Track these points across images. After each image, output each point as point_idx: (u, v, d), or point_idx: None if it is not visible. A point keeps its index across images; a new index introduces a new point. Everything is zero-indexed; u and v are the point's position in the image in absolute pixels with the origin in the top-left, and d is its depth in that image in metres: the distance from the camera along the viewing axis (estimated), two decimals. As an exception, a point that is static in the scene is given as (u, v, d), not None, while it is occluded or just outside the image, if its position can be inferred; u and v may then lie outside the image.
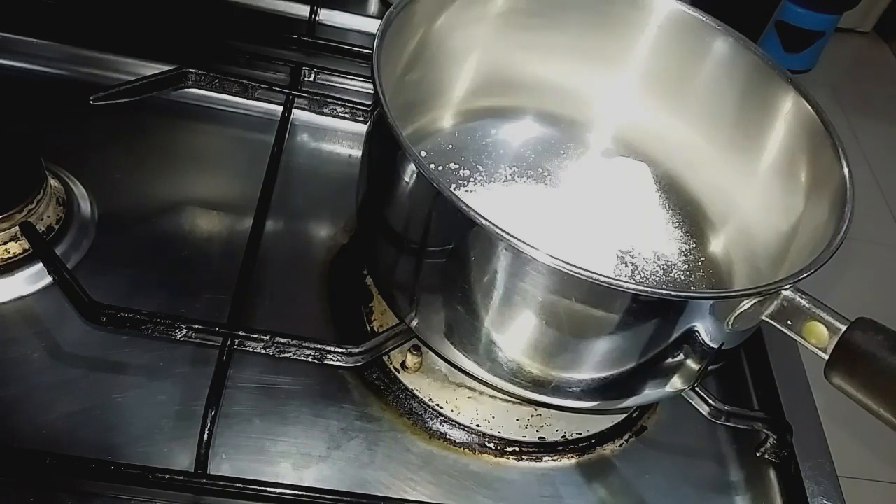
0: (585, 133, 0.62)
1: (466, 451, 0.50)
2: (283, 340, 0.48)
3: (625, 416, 0.54)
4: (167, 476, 0.43)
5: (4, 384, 0.46)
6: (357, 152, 0.66)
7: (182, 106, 0.65)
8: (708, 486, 0.53)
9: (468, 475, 0.49)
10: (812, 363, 0.48)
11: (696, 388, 0.51)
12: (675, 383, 0.46)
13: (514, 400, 0.52)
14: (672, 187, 0.60)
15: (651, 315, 0.41)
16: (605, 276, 0.38)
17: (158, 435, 0.46)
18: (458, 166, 0.58)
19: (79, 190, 0.56)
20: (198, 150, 0.64)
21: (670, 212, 0.59)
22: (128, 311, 0.47)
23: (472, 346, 0.45)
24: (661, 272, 0.55)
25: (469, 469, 0.49)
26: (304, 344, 0.48)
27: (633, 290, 0.39)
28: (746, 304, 0.41)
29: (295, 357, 0.48)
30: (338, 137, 0.67)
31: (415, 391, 0.51)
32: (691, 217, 0.59)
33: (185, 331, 0.47)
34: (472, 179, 0.57)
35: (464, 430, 0.51)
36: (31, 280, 0.51)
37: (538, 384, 0.45)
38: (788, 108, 0.52)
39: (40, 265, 0.50)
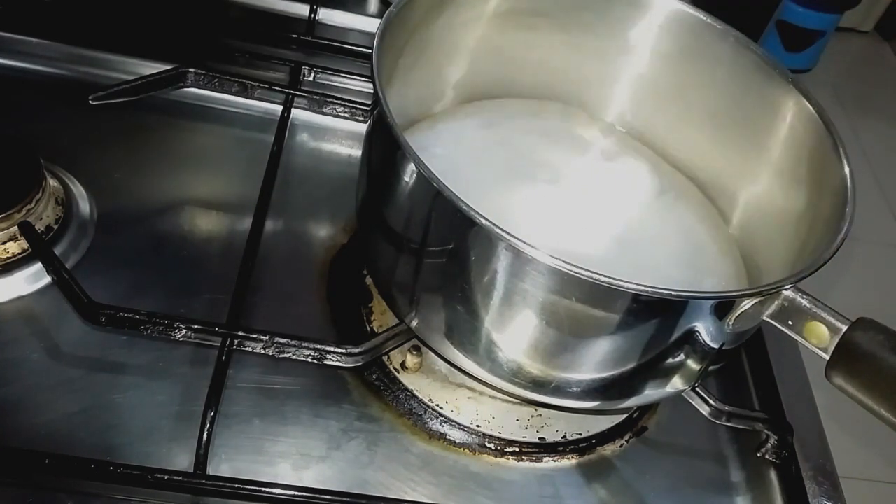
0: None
1: (466, 451, 0.50)
2: (282, 341, 0.48)
3: (625, 416, 0.54)
4: (166, 476, 0.43)
5: (3, 384, 0.46)
6: (357, 152, 0.66)
7: (181, 105, 0.65)
8: (708, 487, 0.53)
9: (468, 476, 0.49)
10: (813, 363, 0.47)
11: (697, 389, 0.51)
12: (676, 383, 0.46)
13: (514, 400, 0.52)
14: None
15: (651, 315, 0.41)
16: (605, 276, 0.37)
17: (157, 435, 0.46)
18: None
19: (77, 189, 0.56)
20: (197, 149, 0.64)
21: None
22: (127, 311, 0.46)
23: (472, 346, 0.45)
24: (662, 272, 0.55)
25: (469, 469, 0.49)
26: (303, 344, 0.48)
27: (634, 289, 0.38)
28: (747, 304, 0.41)
29: (294, 357, 0.48)
30: (337, 137, 0.67)
31: (415, 391, 0.51)
32: (692, 217, 0.59)
33: (184, 331, 0.47)
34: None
35: (464, 430, 0.50)
36: (29, 280, 0.51)
37: (538, 384, 0.45)
38: (789, 108, 0.52)
39: (39, 265, 0.50)
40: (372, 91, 0.44)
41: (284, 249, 0.58)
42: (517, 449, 0.51)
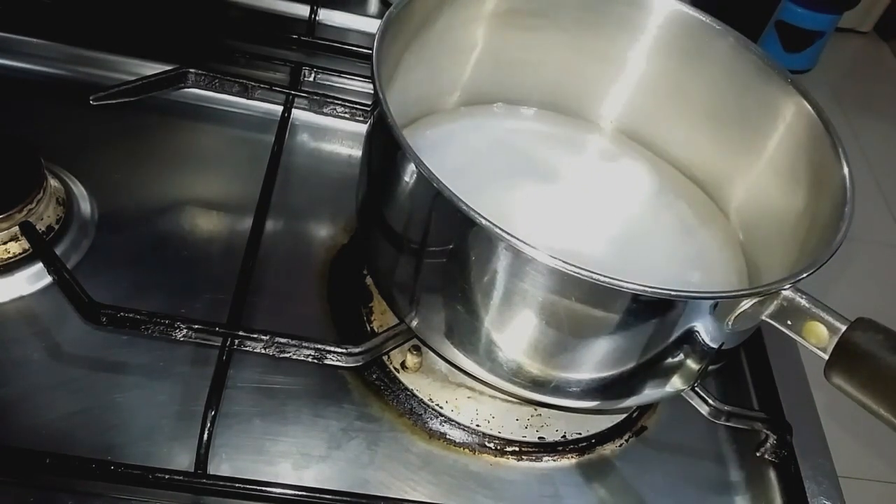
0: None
1: (466, 450, 0.50)
2: (282, 340, 0.48)
3: (625, 416, 0.54)
4: (167, 476, 0.43)
5: (4, 384, 0.46)
6: (357, 152, 0.66)
7: (182, 106, 0.65)
8: (708, 486, 0.53)
9: (468, 475, 0.49)
10: (812, 363, 0.48)
11: (696, 388, 0.51)
12: (675, 383, 0.46)
13: (514, 400, 0.52)
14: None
15: (651, 315, 0.41)
16: (605, 276, 0.38)
17: (158, 435, 0.46)
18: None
19: (78, 190, 0.56)
20: (198, 150, 0.64)
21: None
22: (128, 311, 0.47)
23: (472, 346, 0.45)
24: (661, 272, 0.55)
25: (469, 469, 0.49)
26: (303, 344, 0.48)
27: (633, 289, 0.38)
28: (746, 304, 0.41)
29: (295, 357, 0.48)
30: (338, 137, 0.67)
31: (415, 391, 0.51)
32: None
33: (184, 331, 0.47)
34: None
35: (464, 429, 0.51)
36: (31, 280, 0.51)
37: (538, 384, 0.45)
38: (788, 108, 0.52)
39: (40, 265, 0.50)
40: (372, 91, 0.44)
41: (285, 249, 0.58)
42: (517, 448, 0.51)
